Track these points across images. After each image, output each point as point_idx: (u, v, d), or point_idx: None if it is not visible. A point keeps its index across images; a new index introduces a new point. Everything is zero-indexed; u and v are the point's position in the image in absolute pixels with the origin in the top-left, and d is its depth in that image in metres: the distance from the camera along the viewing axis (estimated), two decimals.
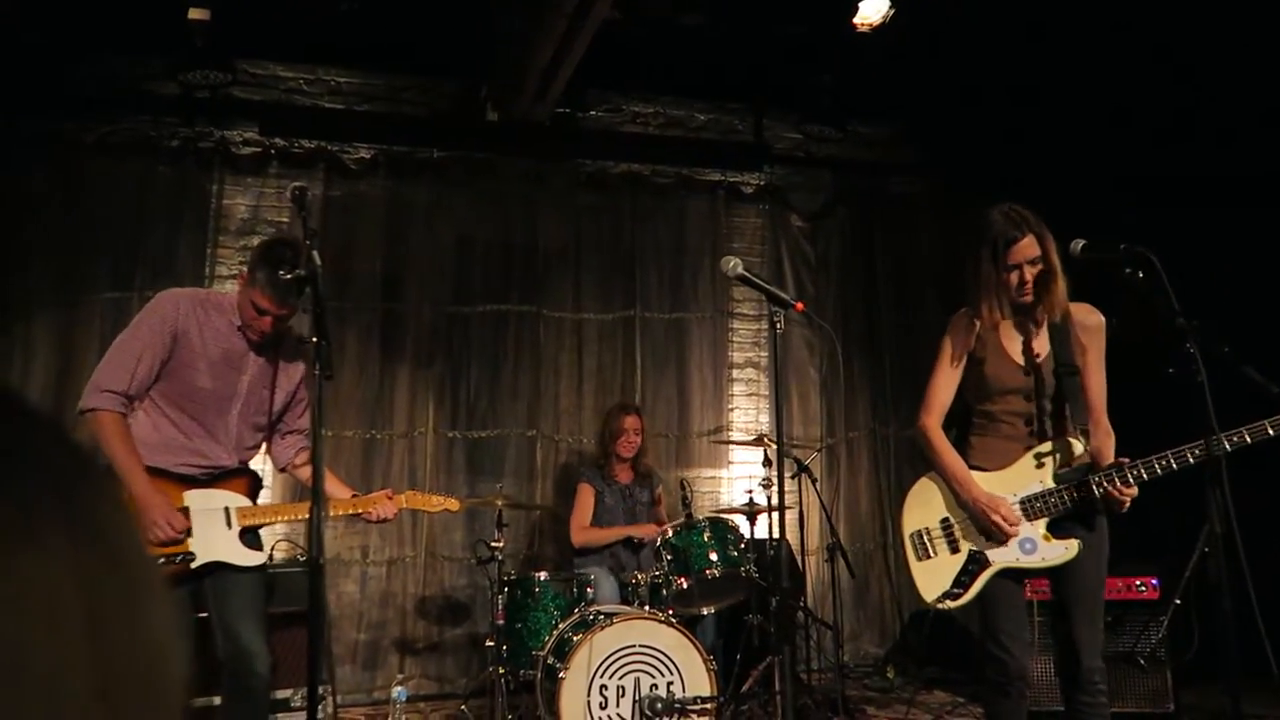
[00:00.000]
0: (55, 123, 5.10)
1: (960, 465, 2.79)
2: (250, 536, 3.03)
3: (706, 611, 4.23)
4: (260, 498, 3.19)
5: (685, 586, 4.06)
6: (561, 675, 3.61)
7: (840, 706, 4.48)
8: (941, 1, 4.85)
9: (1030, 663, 2.82)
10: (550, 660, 3.78)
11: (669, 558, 4.12)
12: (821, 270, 6.32)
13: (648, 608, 3.97)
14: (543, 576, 4.16)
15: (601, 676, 3.66)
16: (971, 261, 2.79)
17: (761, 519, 4.46)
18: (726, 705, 3.97)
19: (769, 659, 4.12)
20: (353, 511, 3.17)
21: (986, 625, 2.76)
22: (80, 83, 5.13)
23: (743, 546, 4.19)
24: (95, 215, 5.14)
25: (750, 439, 5.10)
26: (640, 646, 3.72)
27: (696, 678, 3.73)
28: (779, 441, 2.52)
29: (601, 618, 3.78)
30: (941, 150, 6.16)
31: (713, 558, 4.07)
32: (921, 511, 2.87)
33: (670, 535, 4.21)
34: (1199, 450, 2.47)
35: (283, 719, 4.29)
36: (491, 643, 4.04)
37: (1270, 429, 2.50)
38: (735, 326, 6.15)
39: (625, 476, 4.84)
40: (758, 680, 4.25)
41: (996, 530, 2.71)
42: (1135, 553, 4.08)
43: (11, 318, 4.98)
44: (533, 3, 4.51)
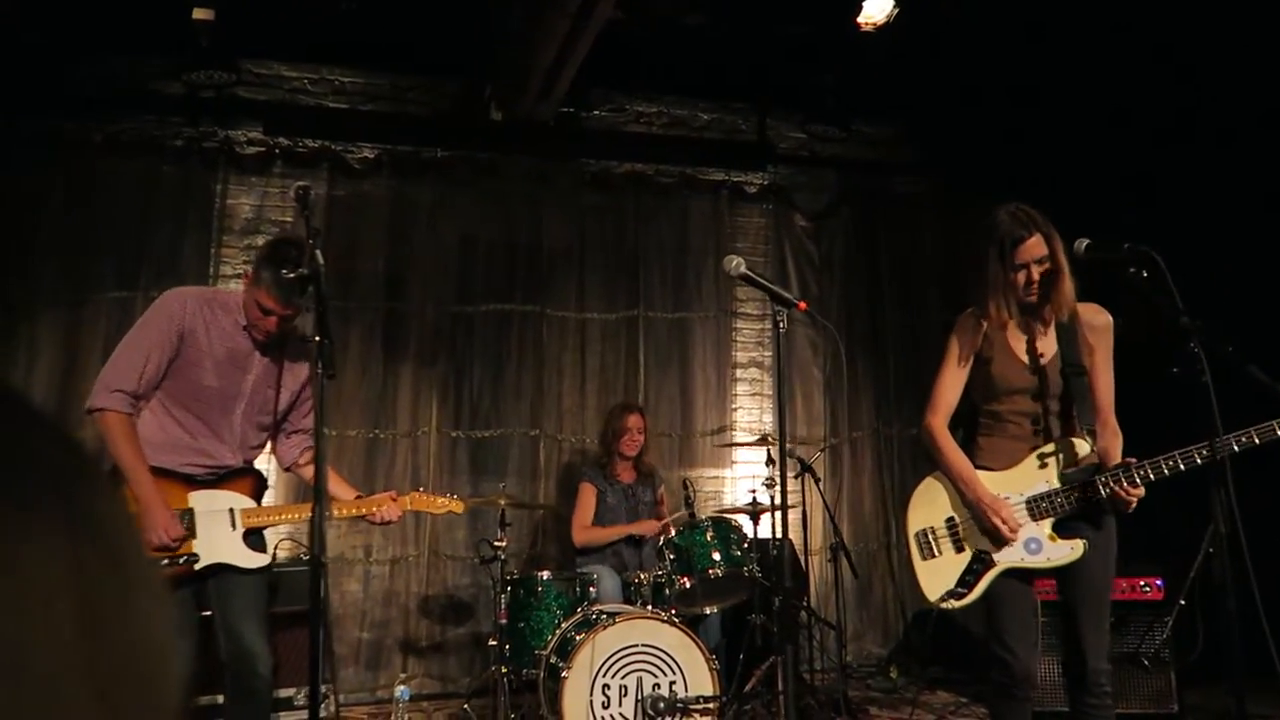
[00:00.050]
0: (60, 122, 5.12)
1: (965, 465, 2.78)
2: (254, 538, 3.03)
3: (709, 611, 4.22)
4: (264, 497, 3.20)
5: (688, 586, 4.06)
6: (564, 674, 3.61)
7: (843, 707, 4.48)
8: (944, 1, 4.84)
9: (1036, 665, 2.80)
10: (553, 659, 3.78)
11: (672, 557, 4.11)
12: (825, 270, 6.32)
13: (650, 607, 3.97)
14: (545, 576, 4.16)
15: (604, 676, 3.66)
16: (979, 261, 2.78)
17: (765, 519, 4.45)
18: (729, 705, 3.96)
19: (772, 659, 4.12)
20: (357, 513, 3.17)
21: (992, 626, 2.75)
22: (85, 83, 5.14)
23: (746, 546, 4.18)
24: (100, 215, 5.15)
25: (754, 439, 5.10)
26: (643, 646, 3.71)
27: (699, 677, 3.73)
28: (781, 441, 2.51)
29: (604, 617, 3.77)
30: (945, 150, 6.15)
31: (716, 557, 4.07)
32: (927, 510, 2.86)
33: (672, 534, 4.21)
34: (1206, 451, 2.45)
35: (285, 718, 4.30)
36: (494, 642, 4.05)
37: (1279, 430, 2.48)
38: (739, 326, 6.15)
39: (627, 476, 4.84)
40: (760, 680, 4.24)
41: (997, 533, 2.70)
42: (1140, 553, 4.07)
43: (17, 317, 4.99)
44: (536, 2, 4.51)
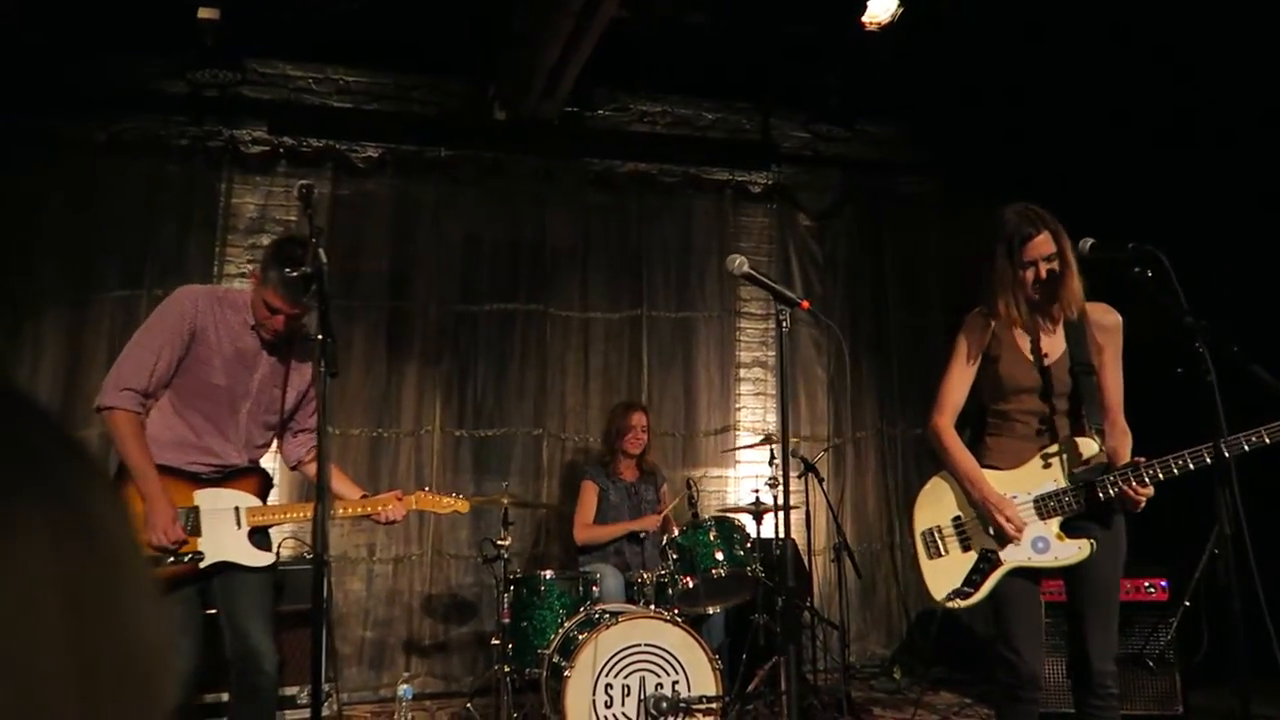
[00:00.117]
0: (65, 122, 5.12)
1: (972, 464, 2.77)
2: (259, 536, 3.03)
3: (712, 611, 4.22)
4: (269, 496, 3.20)
5: (691, 585, 4.05)
6: (567, 674, 3.61)
7: (846, 707, 4.48)
8: (948, 1, 4.84)
9: (1042, 667, 2.78)
10: (555, 659, 3.78)
11: (675, 557, 4.11)
12: (829, 269, 6.31)
13: (653, 606, 3.96)
14: (548, 575, 4.16)
15: (607, 675, 3.66)
16: (987, 259, 2.77)
17: (768, 518, 4.45)
18: (732, 705, 3.96)
19: (774, 659, 4.11)
20: (362, 512, 3.17)
21: (998, 627, 2.73)
22: (90, 82, 5.15)
23: (749, 546, 4.18)
24: (105, 214, 5.16)
25: (757, 438, 5.09)
26: (646, 645, 3.71)
27: (702, 677, 3.72)
28: (784, 441, 2.51)
29: (607, 616, 3.77)
30: (949, 150, 6.14)
31: (719, 557, 4.07)
32: (933, 509, 2.85)
33: (675, 533, 4.20)
34: (1217, 450, 2.44)
35: (289, 716, 4.31)
36: (497, 641, 4.04)
37: None
38: (742, 325, 6.14)
39: (630, 474, 4.84)
40: (763, 680, 4.24)
41: (1001, 531, 2.70)
42: (1145, 554, 4.05)
43: (21, 316, 5.01)
44: (540, 2, 4.51)
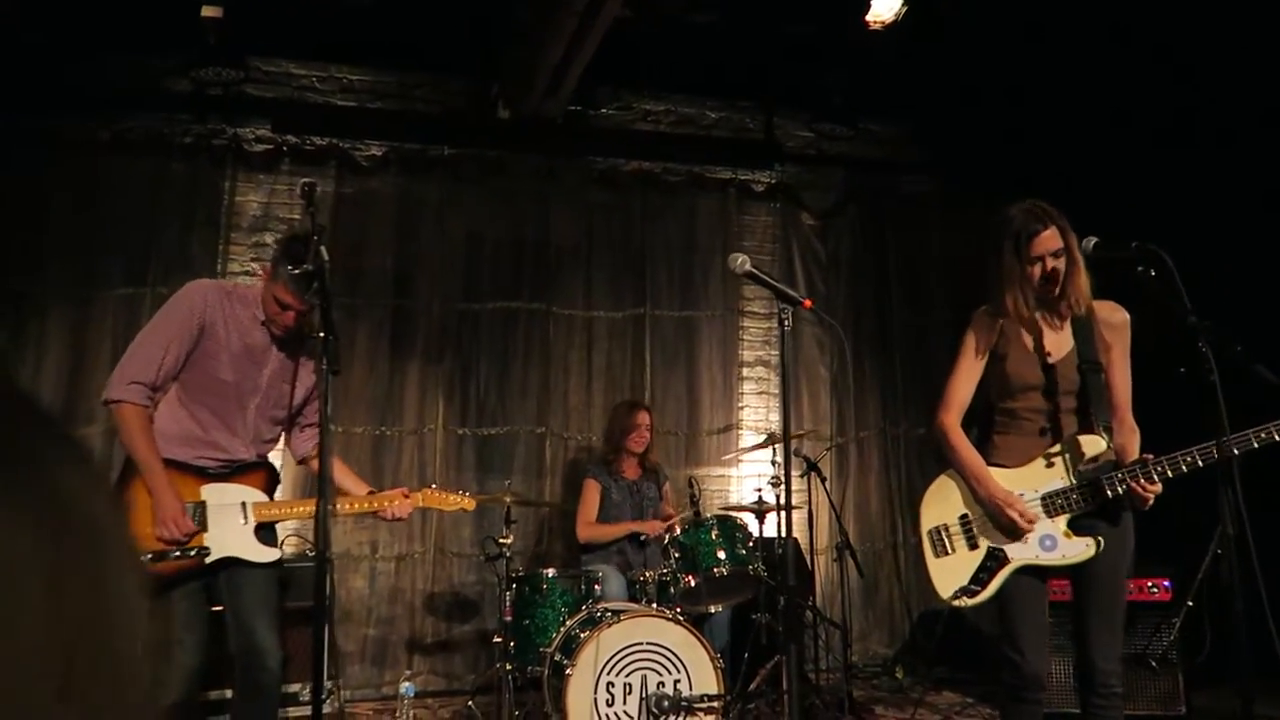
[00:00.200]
0: (68, 120, 5.13)
1: (978, 461, 2.77)
2: (265, 532, 3.03)
3: (714, 610, 4.22)
4: (276, 492, 3.19)
5: (693, 584, 4.05)
6: (568, 672, 3.61)
7: (848, 706, 4.47)
8: (951, 1, 4.83)
9: (1047, 667, 2.77)
10: (557, 657, 3.78)
11: (677, 555, 4.11)
12: (832, 269, 6.31)
13: (655, 605, 3.96)
14: (551, 573, 4.16)
15: (608, 674, 3.66)
16: (993, 256, 2.77)
17: (770, 517, 4.45)
18: (733, 704, 3.96)
19: (776, 658, 4.11)
20: (368, 509, 3.18)
21: (1004, 626, 2.72)
22: (93, 81, 5.16)
23: (751, 545, 4.18)
24: (108, 212, 5.17)
25: (760, 437, 5.09)
26: (647, 644, 3.71)
27: (704, 676, 3.72)
28: (785, 440, 2.50)
29: (609, 615, 3.77)
30: (953, 149, 6.13)
31: (721, 556, 4.06)
32: (940, 508, 2.84)
33: (678, 533, 4.20)
34: (1225, 446, 2.43)
35: (292, 713, 4.31)
36: (499, 639, 4.04)
37: None
38: (746, 325, 6.14)
39: (632, 473, 4.84)
40: (765, 679, 4.24)
41: (1013, 525, 2.68)
42: (1148, 554, 4.04)
43: (25, 314, 5.01)
44: (543, 1, 4.51)
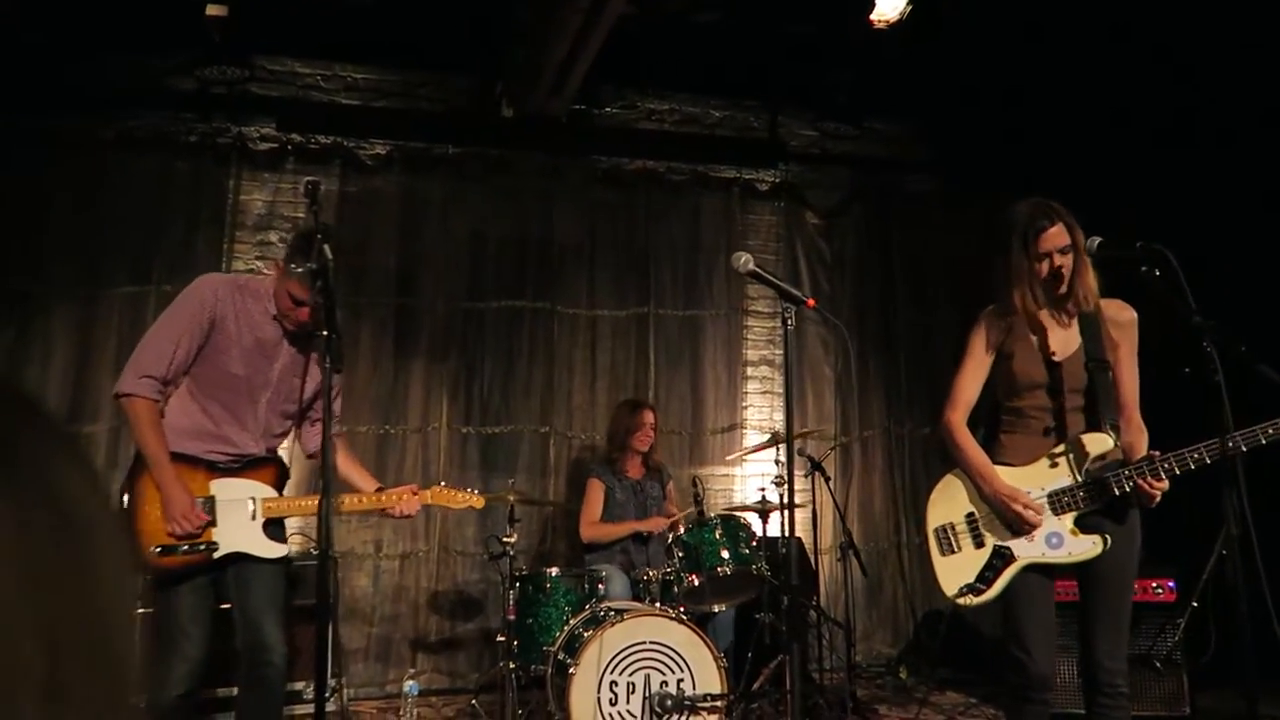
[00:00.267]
0: (73, 119, 5.14)
1: (983, 459, 2.76)
2: (273, 528, 3.03)
3: (717, 609, 4.22)
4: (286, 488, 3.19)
5: (696, 584, 4.05)
6: (572, 671, 3.61)
7: (851, 706, 4.47)
8: (954, 1, 4.82)
9: (1054, 667, 2.76)
10: (561, 656, 3.78)
11: (680, 555, 4.11)
12: (837, 268, 6.30)
13: (659, 604, 3.97)
14: (554, 572, 4.17)
15: (612, 673, 3.66)
16: (1001, 254, 2.76)
17: (774, 517, 4.44)
18: (737, 703, 3.96)
19: (780, 657, 4.11)
20: (376, 506, 3.18)
21: (1009, 625, 2.71)
22: (98, 79, 5.16)
23: (754, 544, 4.18)
24: (113, 210, 5.18)
25: (764, 437, 5.09)
26: (651, 643, 3.71)
27: (707, 675, 3.72)
28: (789, 439, 2.50)
29: (612, 614, 3.77)
30: (958, 148, 6.12)
31: (724, 555, 4.06)
32: (946, 506, 2.84)
33: (681, 531, 4.20)
34: (1230, 445, 2.42)
35: (296, 710, 4.32)
36: (503, 638, 4.05)
37: None
38: (750, 324, 6.13)
39: (636, 472, 4.84)
40: (768, 679, 4.23)
41: (1019, 520, 2.67)
42: (1153, 555, 4.04)
43: (31, 312, 5.03)
44: None
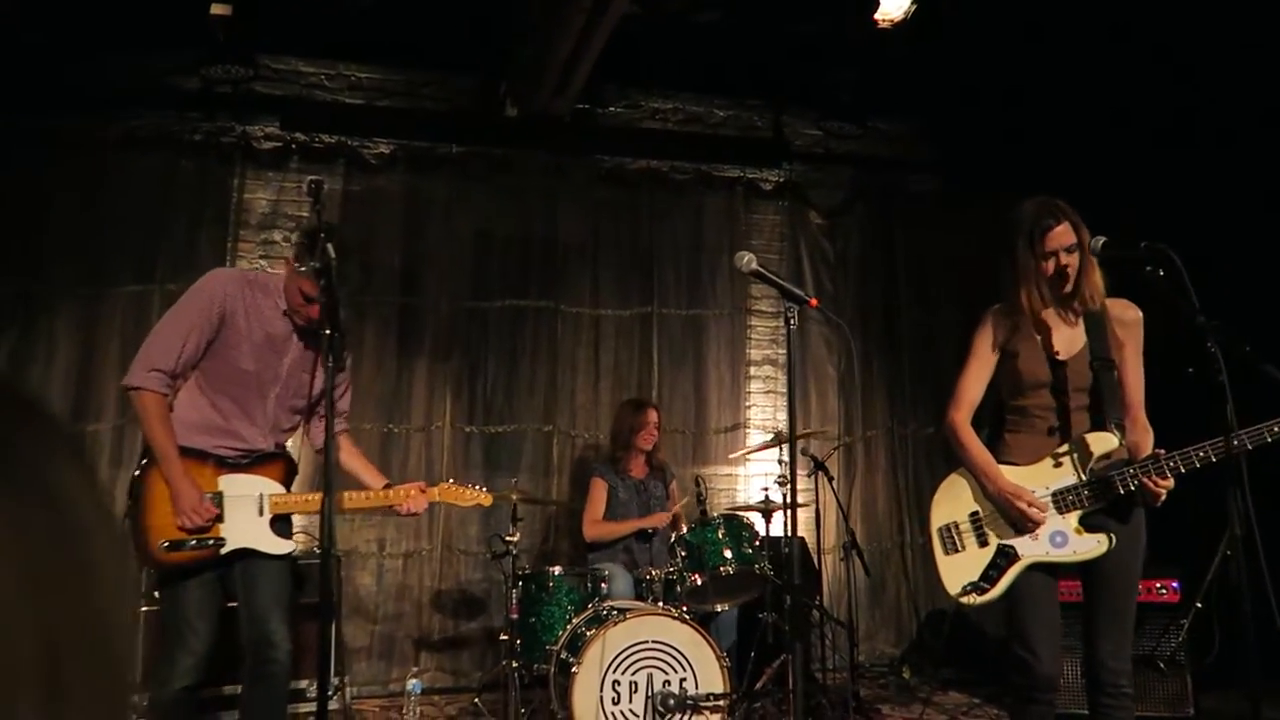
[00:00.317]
0: (78, 118, 5.15)
1: (987, 457, 2.76)
2: (281, 524, 3.04)
3: (720, 609, 4.22)
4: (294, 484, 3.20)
5: (699, 583, 4.05)
6: (574, 670, 3.61)
7: (854, 706, 4.46)
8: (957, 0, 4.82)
9: (1059, 668, 2.75)
10: (563, 655, 3.78)
11: (683, 554, 4.11)
12: (840, 267, 6.29)
13: (661, 604, 3.97)
14: (557, 571, 4.17)
15: (614, 672, 3.66)
16: (1007, 253, 2.75)
17: (777, 516, 4.44)
18: (739, 703, 3.95)
19: (782, 657, 4.11)
20: (384, 504, 3.19)
21: (1014, 625, 2.70)
22: (102, 78, 5.17)
23: (757, 544, 4.17)
24: (117, 209, 5.19)
25: (768, 436, 5.08)
26: (653, 642, 3.71)
27: (710, 674, 3.72)
28: (791, 439, 2.50)
29: (615, 613, 3.78)
30: (962, 147, 6.11)
31: (727, 554, 4.06)
32: (950, 505, 2.83)
33: (684, 530, 4.20)
34: (1236, 443, 2.41)
35: (299, 708, 4.32)
36: (505, 637, 4.05)
37: None
38: (753, 323, 6.13)
39: (639, 471, 4.84)
40: (771, 678, 4.23)
41: (1023, 518, 2.66)
42: (1157, 555, 4.02)
43: (35, 311, 5.04)
44: None
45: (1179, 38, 4.77)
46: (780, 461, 4.46)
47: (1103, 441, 2.66)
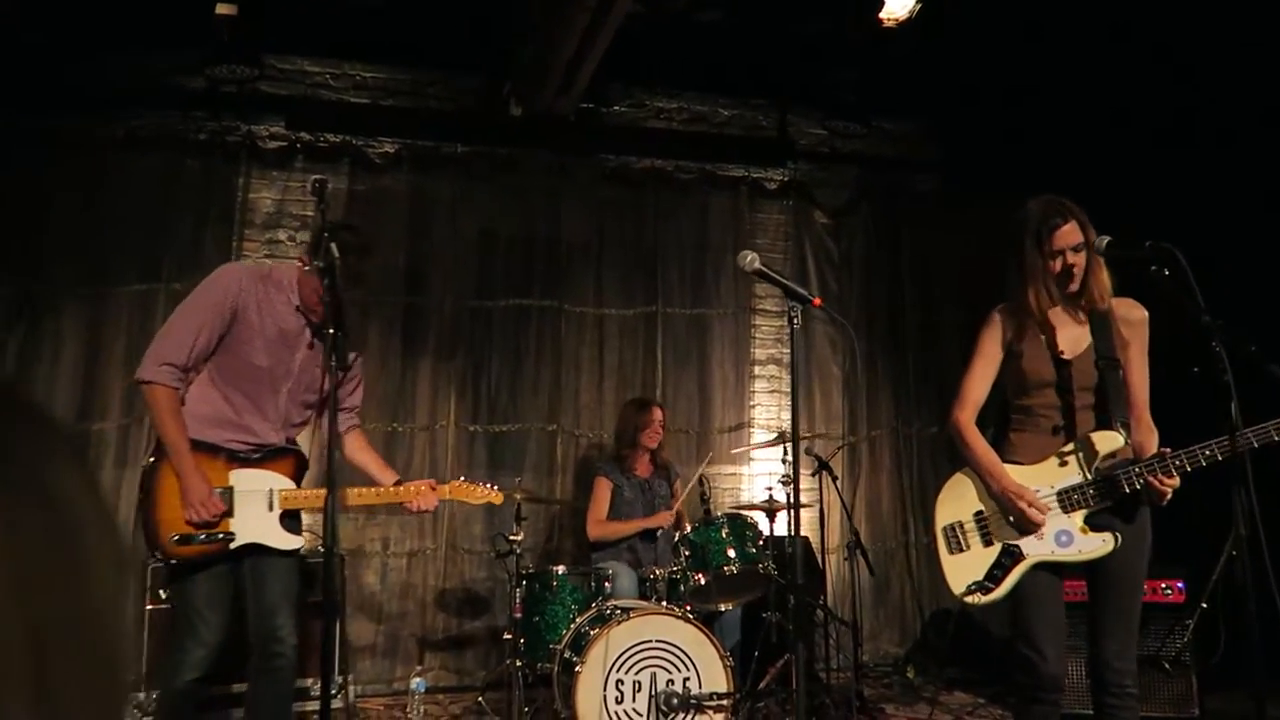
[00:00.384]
0: (82, 117, 5.16)
1: (992, 456, 2.75)
2: (290, 520, 3.04)
3: (724, 608, 4.22)
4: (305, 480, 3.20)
5: (703, 582, 4.05)
6: (578, 669, 3.62)
7: (858, 705, 4.46)
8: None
9: (1064, 668, 2.74)
10: (567, 654, 3.78)
11: (687, 553, 4.11)
12: (845, 267, 6.28)
13: (665, 603, 3.96)
14: (561, 570, 4.17)
15: (618, 671, 3.66)
16: (1013, 253, 2.75)
17: (781, 516, 4.44)
18: (743, 702, 3.95)
19: (786, 656, 4.10)
20: (394, 500, 3.19)
21: (1019, 624, 2.69)
22: (107, 78, 5.19)
23: (761, 543, 4.17)
24: (122, 208, 5.20)
25: (772, 435, 5.08)
26: (657, 641, 3.71)
27: (713, 674, 3.72)
28: (794, 438, 2.50)
29: (618, 612, 3.78)
30: (967, 147, 6.10)
31: (730, 554, 4.06)
32: (955, 505, 2.83)
33: (687, 530, 4.20)
34: (1241, 441, 2.41)
35: (305, 707, 4.33)
36: (509, 636, 4.06)
37: None
38: (758, 323, 6.13)
39: (644, 470, 4.84)
40: (775, 677, 4.23)
41: (1022, 518, 2.66)
42: (1162, 555, 4.01)
43: (40, 310, 5.05)
44: None
45: (1179, 38, 4.75)
46: (784, 461, 4.46)
47: (1108, 440, 2.66)
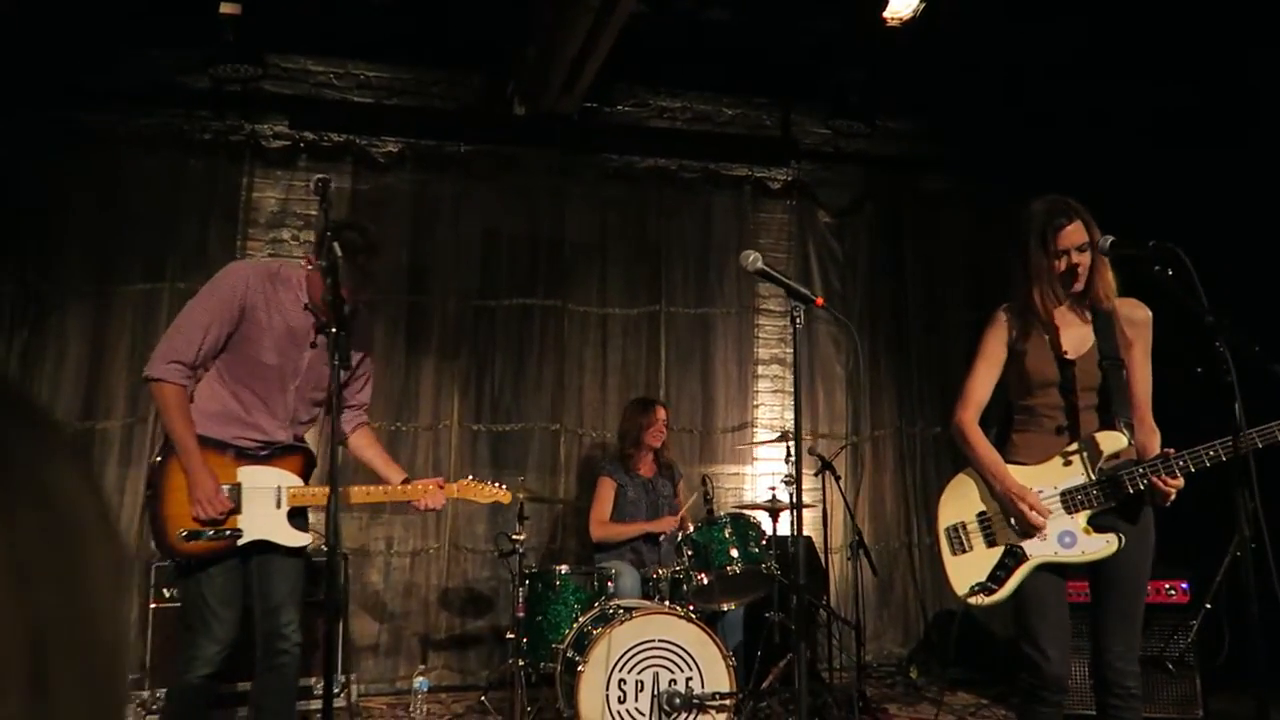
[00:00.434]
0: (87, 116, 5.17)
1: (994, 457, 2.75)
2: (297, 518, 3.05)
3: (727, 608, 4.21)
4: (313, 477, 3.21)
5: (706, 582, 4.05)
6: (581, 668, 3.62)
7: (861, 705, 4.46)
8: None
9: (1068, 668, 2.74)
10: (570, 653, 3.79)
11: (690, 553, 4.11)
12: (849, 267, 6.27)
13: (668, 603, 3.96)
14: (564, 570, 4.17)
15: (621, 670, 3.66)
16: (1018, 253, 2.74)
17: (784, 516, 4.44)
18: (745, 702, 3.95)
19: (789, 656, 4.10)
20: (402, 499, 3.19)
21: (1022, 625, 2.69)
22: (111, 77, 5.20)
23: (764, 543, 4.17)
24: (126, 208, 5.21)
25: (775, 435, 5.08)
26: (660, 641, 3.71)
27: (716, 674, 3.72)
28: (797, 437, 2.50)
29: (621, 612, 3.78)
30: (972, 146, 6.09)
31: (733, 554, 4.06)
32: (958, 505, 2.82)
33: (690, 529, 4.20)
34: (1245, 442, 2.40)
35: (309, 705, 4.33)
36: (512, 635, 4.06)
37: None
38: (761, 322, 6.12)
39: (648, 470, 4.83)
40: (777, 677, 4.23)
41: (1022, 519, 2.65)
42: (1166, 556, 4.00)
43: (45, 309, 5.07)
44: None
45: (1182, 38, 4.74)
46: (788, 461, 4.45)
47: (1112, 440, 2.65)
